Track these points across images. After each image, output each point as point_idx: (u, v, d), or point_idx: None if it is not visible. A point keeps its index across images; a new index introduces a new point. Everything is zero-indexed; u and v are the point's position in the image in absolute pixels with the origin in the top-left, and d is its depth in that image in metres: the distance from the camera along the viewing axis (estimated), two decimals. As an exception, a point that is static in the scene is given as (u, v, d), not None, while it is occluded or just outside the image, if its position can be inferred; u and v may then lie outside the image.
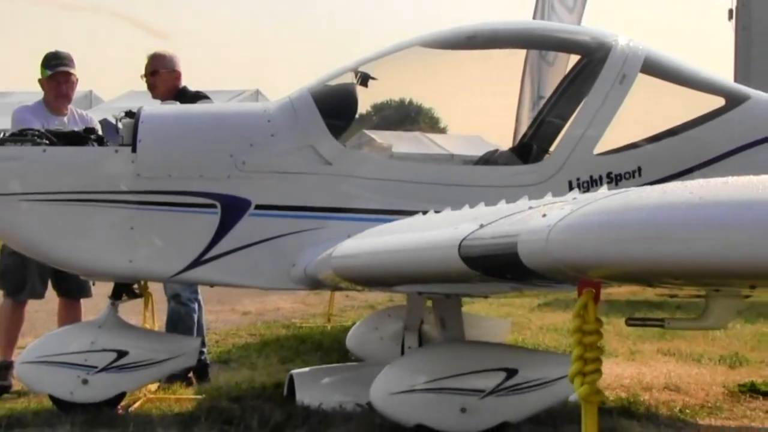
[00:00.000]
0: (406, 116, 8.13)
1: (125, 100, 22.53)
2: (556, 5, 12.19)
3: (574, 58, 7.09)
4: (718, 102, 6.50)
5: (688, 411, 6.41)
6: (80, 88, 8.88)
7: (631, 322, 3.96)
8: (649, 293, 4.74)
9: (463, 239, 3.68)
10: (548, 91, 8.06)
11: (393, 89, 7.30)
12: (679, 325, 3.94)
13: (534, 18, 12.31)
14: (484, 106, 7.68)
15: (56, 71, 7.19)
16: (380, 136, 7.36)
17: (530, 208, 3.55)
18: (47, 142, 5.95)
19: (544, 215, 3.20)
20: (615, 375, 7.30)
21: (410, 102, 8.03)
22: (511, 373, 5.31)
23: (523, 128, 7.49)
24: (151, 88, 7.55)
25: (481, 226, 3.66)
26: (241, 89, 29.77)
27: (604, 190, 3.36)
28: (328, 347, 8.61)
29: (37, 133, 6.04)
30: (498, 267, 3.59)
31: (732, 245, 2.74)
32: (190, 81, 7.63)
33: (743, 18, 13.15)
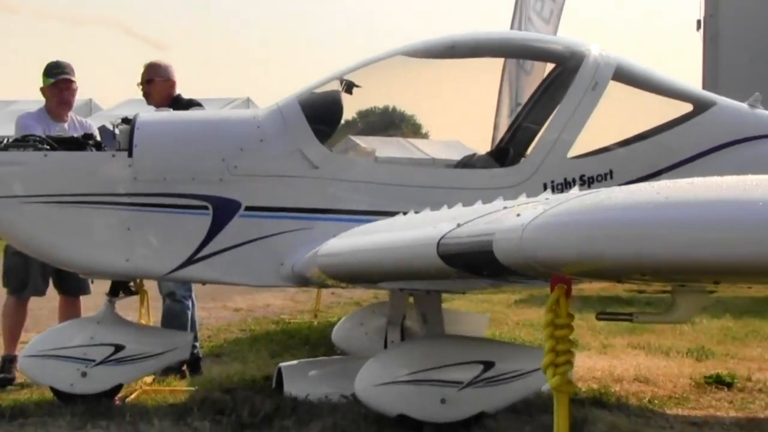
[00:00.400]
0: (390, 122, 8.12)
1: (123, 108, 22.39)
2: (533, 16, 12.20)
3: (549, 67, 7.09)
4: (686, 108, 6.51)
5: (656, 401, 6.44)
6: (81, 97, 8.88)
7: (601, 316, 3.97)
8: (620, 290, 4.74)
9: (442, 238, 3.68)
10: (526, 98, 8.06)
11: (377, 96, 7.31)
12: (647, 319, 3.97)
13: (512, 28, 12.34)
14: (464, 112, 7.69)
15: (59, 79, 7.19)
16: (365, 142, 7.35)
17: (505, 208, 3.55)
18: (48, 147, 5.93)
19: (518, 215, 3.20)
20: (587, 367, 7.34)
21: (394, 109, 8.02)
22: (489, 365, 5.32)
23: (501, 133, 7.48)
24: (147, 96, 7.54)
25: (459, 225, 3.66)
26: (232, 97, 29.64)
27: (575, 191, 3.36)
28: (315, 342, 8.58)
29: (38, 138, 6.02)
30: (474, 264, 3.60)
31: (696, 243, 2.75)
32: (183, 89, 7.63)
33: (711, 28, 13.20)
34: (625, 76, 6.41)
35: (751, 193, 2.81)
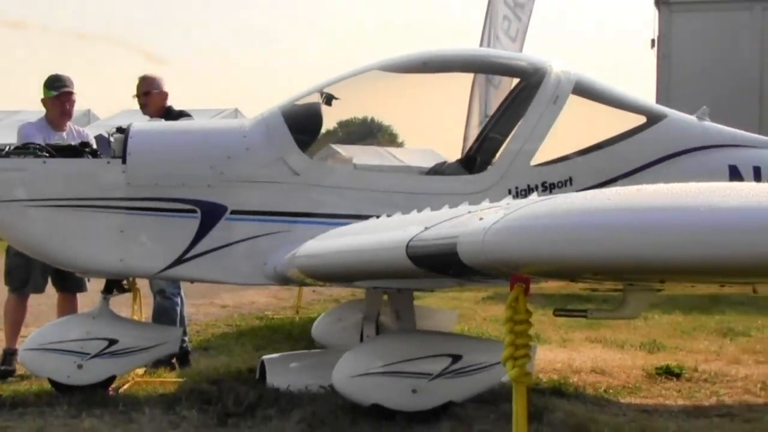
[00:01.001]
0: (368, 132, 8.10)
1: (120, 118, 22.16)
2: (501, 35, 12.22)
3: (515, 81, 7.11)
4: (640, 120, 6.54)
5: (611, 391, 6.47)
6: (80, 108, 8.80)
7: (558, 313, 3.97)
8: (578, 288, 4.75)
9: (410, 240, 3.67)
10: (494, 110, 8.07)
11: (354, 108, 7.30)
12: (600, 315, 3.95)
13: (481, 45, 12.34)
14: (437, 123, 7.69)
15: (61, 92, 7.15)
16: (344, 150, 7.33)
17: (469, 212, 3.54)
18: (47, 154, 5.90)
19: (480, 219, 3.20)
20: (548, 360, 7.36)
21: (372, 119, 8.01)
22: (456, 358, 5.32)
23: (471, 143, 7.48)
24: (143, 107, 7.52)
25: (426, 228, 3.65)
26: (221, 108, 29.27)
27: (534, 196, 3.37)
28: (296, 336, 8.56)
29: (38, 146, 6.00)
30: (440, 264, 3.59)
31: (642, 245, 2.76)
32: (175, 101, 7.60)
33: (664, 47, 13.29)
34: (584, 90, 6.43)
35: (693, 199, 2.83)
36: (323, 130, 6.70)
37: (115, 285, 6.43)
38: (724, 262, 2.70)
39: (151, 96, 7.44)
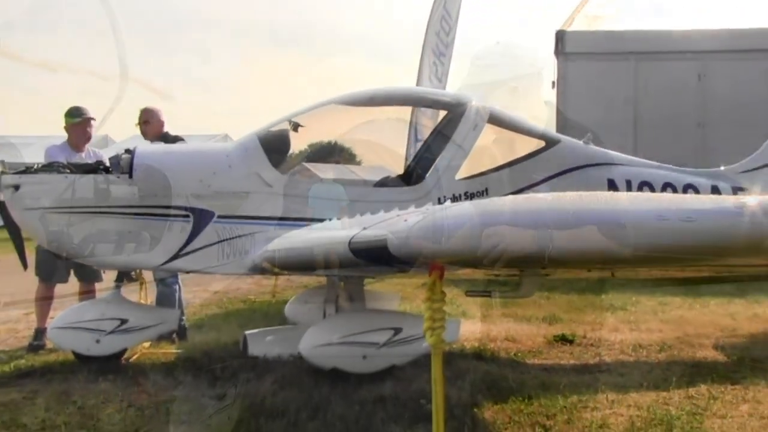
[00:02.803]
0: (331, 152, 8.13)
1: (132, 142, 21.79)
2: (431, 76, 12.38)
3: (443, 113, 7.21)
4: (540, 144, 6.63)
5: (519, 354, 6.57)
6: (99, 133, 8.68)
7: (469, 293, 4.05)
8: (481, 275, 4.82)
9: (352, 238, 3.75)
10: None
11: (317, 133, 7.34)
12: (502, 295, 4.05)
13: (417, 84, 12.47)
14: (384, 145, 7.75)
15: (83, 118, 7.12)
16: (309, 166, 7.37)
17: (397, 216, 3.64)
18: (68, 171, 5.88)
19: (405, 221, 3.29)
20: (471, 331, 7.40)
21: (335, 142, 8.03)
22: (398, 330, 5.41)
23: (409, 161, 7.55)
24: (143, 133, 7.49)
25: (364, 228, 3.74)
26: (213, 134, 28.69)
27: (447, 203, 3.47)
28: (273, 315, 8.46)
29: (61, 164, 5.98)
30: (375, 256, 3.66)
31: (524, 240, 2.87)
32: (172, 128, 7.59)
33: (562, 86, 13.59)
34: (496, 120, 6.52)
35: (566, 204, 2.95)
36: (295, 151, 6.73)
37: (125, 275, 6.44)
38: (585, 253, 2.82)
39: (150, 124, 7.42)
